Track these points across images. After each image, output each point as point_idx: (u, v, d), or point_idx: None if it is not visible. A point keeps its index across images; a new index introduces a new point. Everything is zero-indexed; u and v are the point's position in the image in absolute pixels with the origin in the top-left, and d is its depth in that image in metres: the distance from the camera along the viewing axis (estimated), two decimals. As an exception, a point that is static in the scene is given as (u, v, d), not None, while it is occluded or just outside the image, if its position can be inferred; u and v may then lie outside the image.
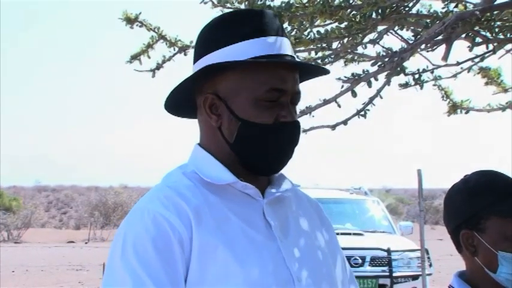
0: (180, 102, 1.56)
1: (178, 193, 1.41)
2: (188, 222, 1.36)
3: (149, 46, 4.05)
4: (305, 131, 3.95)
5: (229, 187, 1.46)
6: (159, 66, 4.09)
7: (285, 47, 1.49)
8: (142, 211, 1.39)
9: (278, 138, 1.46)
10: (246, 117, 1.44)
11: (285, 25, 3.45)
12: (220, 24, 1.50)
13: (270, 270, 1.39)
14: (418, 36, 3.51)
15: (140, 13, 4.00)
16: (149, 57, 4.08)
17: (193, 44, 4.04)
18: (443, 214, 1.86)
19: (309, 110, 3.77)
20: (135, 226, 1.38)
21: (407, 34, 3.70)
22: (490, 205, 1.72)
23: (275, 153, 1.48)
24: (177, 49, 4.03)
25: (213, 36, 1.50)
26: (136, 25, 4.02)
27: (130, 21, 4.00)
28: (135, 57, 4.06)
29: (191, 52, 4.01)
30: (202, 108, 1.50)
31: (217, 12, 3.85)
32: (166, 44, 4.03)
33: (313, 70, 1.61)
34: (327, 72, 1.61)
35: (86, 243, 30.70)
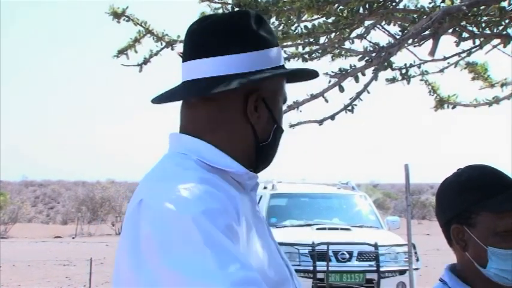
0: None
1: (219, 188, 1.32)
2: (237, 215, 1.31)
3: (136, 41, 4.03)
4: (292, 125, 3.96)
5: (231, 179, 1.41)
6: (146, 61, 4.07)
7: None
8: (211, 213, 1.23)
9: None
10: (278, 121, 1.50)
11: (273, 20, 3.45)
12: (257, 23, 1.46)
13: (280, 262, 1.40)
14: (405, 31, 3.52)
15: (127, 7, 3.98)
16: (136, 51, 4.06)
17: (182, 38, 4.03)
18: (435, 208, 1.86)
19: (296, 105, 3.77)
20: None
21: (394, 29, 3.71)
22: (480, 200, 1.72)
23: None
24: (164, 44, 4.01)
25: (251, 32, 1.45)
26: (123, 19, 4.00)
27: (117, 15, 3.98)
28: (122, 51, 4.04)
29: (178, 47, 4.00)
30: (237, 103, 1.43)
31: (204, 7, 3.83)
32: (153, 38, 4.02)
33: (304, 74, 1.59)
34: (315, 75, 1.60)
35: (73, 238, 30.57)
